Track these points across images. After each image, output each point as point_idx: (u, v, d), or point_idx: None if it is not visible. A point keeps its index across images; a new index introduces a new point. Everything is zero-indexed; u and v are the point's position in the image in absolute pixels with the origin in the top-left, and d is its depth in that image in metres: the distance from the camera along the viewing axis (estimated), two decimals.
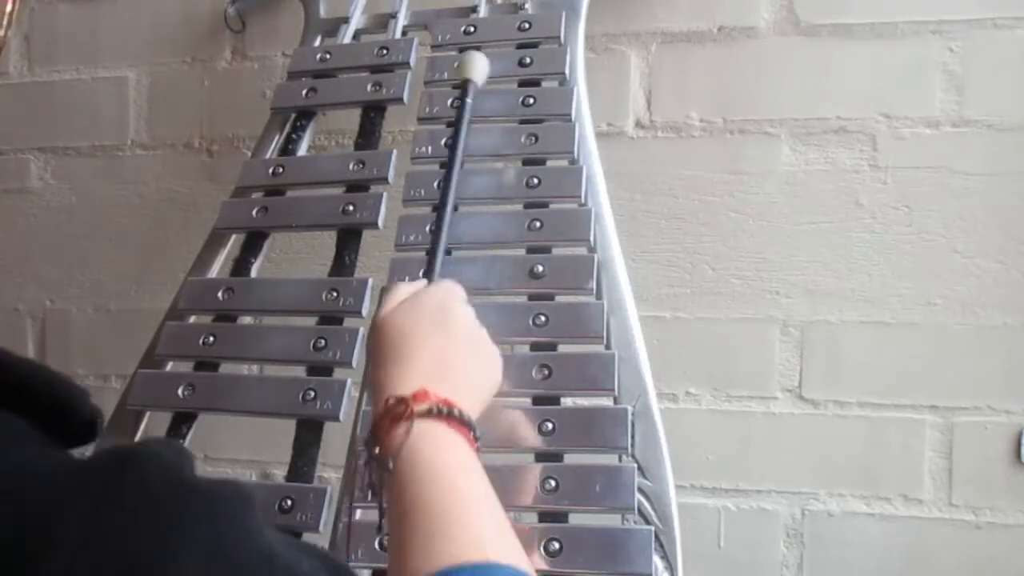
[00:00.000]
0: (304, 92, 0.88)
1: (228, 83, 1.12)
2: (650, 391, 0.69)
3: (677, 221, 0.98)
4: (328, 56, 0.90)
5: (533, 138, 0.79)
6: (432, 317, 0.58)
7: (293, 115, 0.89)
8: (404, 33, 0.90)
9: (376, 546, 0.64)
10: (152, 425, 0.78)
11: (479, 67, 0.76)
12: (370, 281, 0.76)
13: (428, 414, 0.50)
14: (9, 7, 0.42)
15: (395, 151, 0.82)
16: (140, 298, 1.14)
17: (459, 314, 0.59)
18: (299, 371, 0.75)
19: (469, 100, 0.74)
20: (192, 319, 0.81)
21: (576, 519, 0.65)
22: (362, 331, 0.74)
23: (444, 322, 0.57)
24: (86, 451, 0.35)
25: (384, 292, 0.62)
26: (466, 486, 0.47)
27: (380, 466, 0.49)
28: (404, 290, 0.60)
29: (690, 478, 0.96)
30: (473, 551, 0.42)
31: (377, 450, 0.50)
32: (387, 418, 0.50)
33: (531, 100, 0.81)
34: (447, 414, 0.50)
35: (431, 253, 0.65)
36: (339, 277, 0.78)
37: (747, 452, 0.96)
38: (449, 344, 0.56)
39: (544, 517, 0.65)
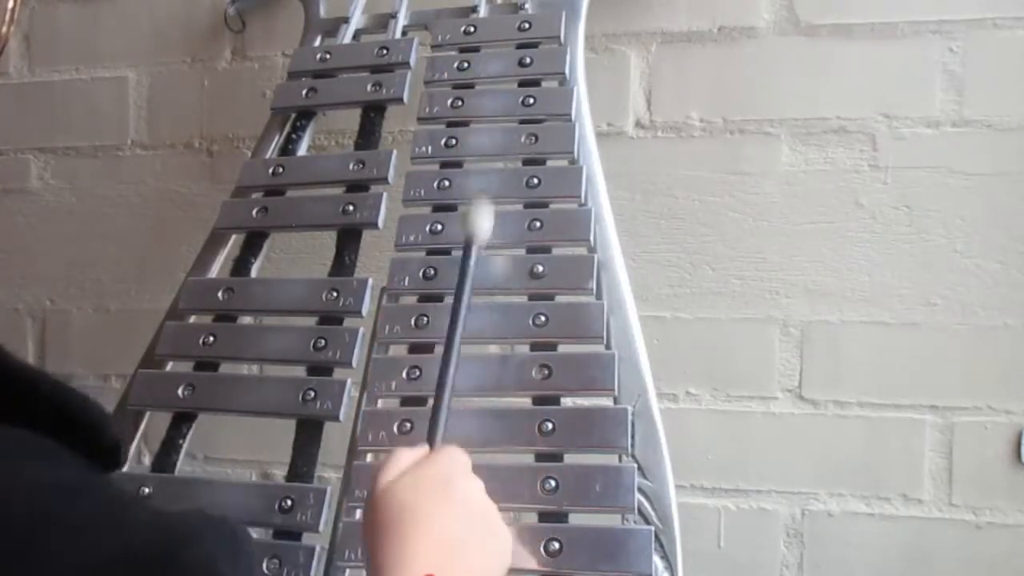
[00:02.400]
0: (304, 92, 0.88)
1: (228, 83, 1.12)
2: (650, 391, 0.69)
3: (677, 221, 0.98)
4: (328, 56, 0.90)
5: (533, 138, 0.79)
6: (437, 492, 0.53)
7: (293, 115, 0.89)
8: (404, 33, 0.91)
9: None
10: (152, 425, 0.78)
11: (482, 223, 0.62)
12: (370, 281, 0.76)
13: None
14: (11, 4, 0.42)
15: (395, 151, 0.82)
16: (140, 298, 1.14)
17: (465, 489, 0.54)
18: (299, 371, 0.75)
19: (471, 262, 0.61)
20: (192, 319, 0.81)
21: (576, 519, 0.65)
22: (362, 331, 0.74)
23: (449, 498, 0.53)
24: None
25: (384, 460, 0.56)
26: None
27: None
28: (405, 459, 0.55)
29: (690, 478, 0.96)
30: None
31: None
32: None
33: (531, 100, 0.81)
34: None
35: (433, 416, 0.58)
36: (339, 277, 0.78)
37: (747, 452, 0.96)
38: (455, 524, 0.52)
39: (544, 517, 0.65)
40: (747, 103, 0.97)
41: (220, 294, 0.80)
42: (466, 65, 0.85)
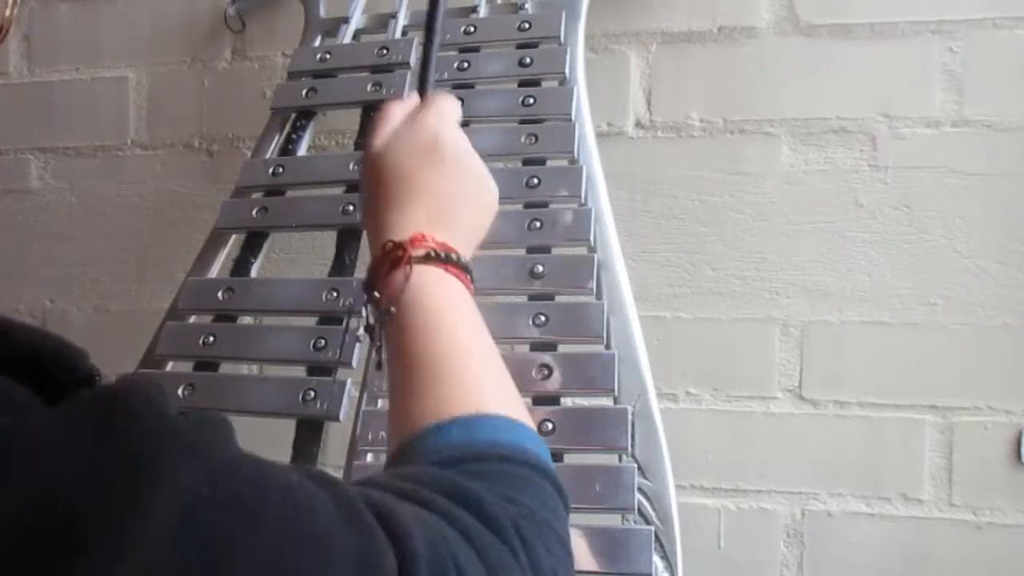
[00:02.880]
0: (304, 92, 0.88)
1: (228, 83, 1.12)
2: (650, 391, 0.69)
3: (677, 221, 0.98)
4: (328, 56, 0.90)
5: (533, 138, 0.79)
6: (426, 153, 0.56)
7: (293, 115, 0.89)
8: (404, 33, 0.90)
9: None
10: None
11: None
12: None
13: (426, 259, 0.50)
14: None
15: None
16: (140, 298, 1.14)
17: (454, 147, 0.57)
18: (299, 371, 0.75)
19: None
20: (192, 319, 0.81)
21: (576, 519, 0.65)
22: (362, 331, 0.74)
23: (438, 157, 0.56)
24: None
25: (376, 118, 0.60)
26: (465, 337, 0.48)
27: (379, 313, 0.49)
28: (397, 114, 0.59)
29: (690, 478, 0.96)
30: (470, 403, 0.43)
31: (376, 295, 0.50)
32: (385, 263, 0.50)
33: (531, 100, 0.81)
34: (444, 259, 0.50)
35: (423, 65, 0.62)
36: (339, 277, 0.78)
37: (747, 452, 0.96)
38: (443, 181, 0.55)
39: None
40: (747, 103, 0.97)
41: (220, 294, 0.80)
42: (466, 65, 0.84)
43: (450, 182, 0.56)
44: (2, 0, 0.43)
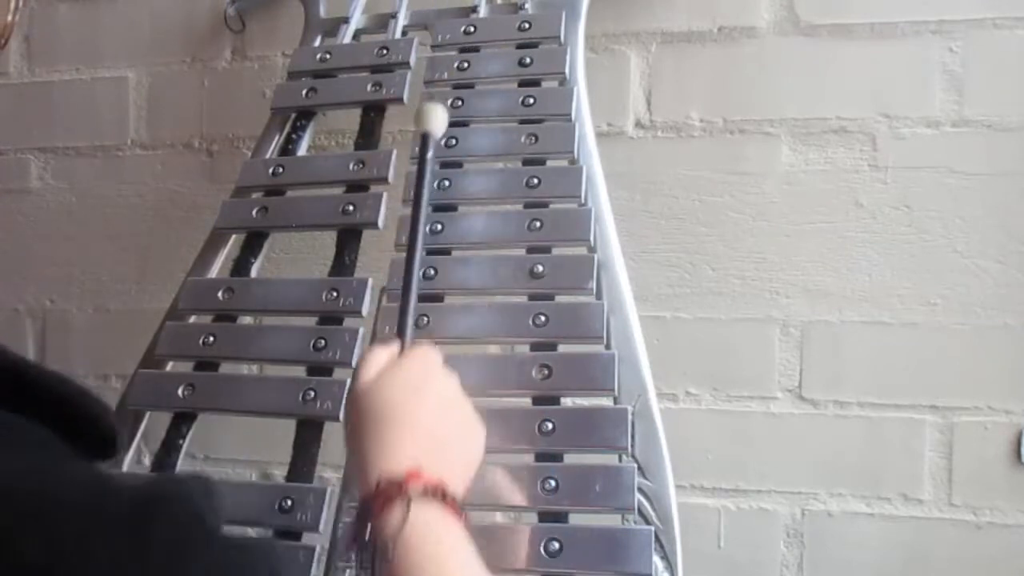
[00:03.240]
0: (304, 92, 0.88)
1: (228, 83, 1.12)
2: (650, 391, 0.69)
3: (677, 221, 0.98)
4: (328, 56, 0.90)
5: (533, 138, 0.79)
6: (414, 389, 0.56)
7: (293, 115, 0.89)
8: (404, 33, 0.90)
9: None
10: (152, 425, 0.78)
11: (437, 118, 0.70)
12: (370, 281, 0.76)
13: (422, 496, 0.48)
14: None
15: (395, 151, 0.82)
16: (140, 298, 1.14)
17: (441, 384, 0.58)
18: (299, 371, 0.75)
19: (430, 154, 0.69)
20: (192, 319, 0.81)
21: (576, 519, 0.65)
22: (362, 331, 0.74)
23: (427, 394, 0.56)
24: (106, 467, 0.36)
25: (360, 361, 0.59)
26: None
27: (375, 552, 0.48)
28: (379, 358, 0.58)
29: (690, 478, 0.96)
30: None
31: (368, 532, 0.48)
32: (379, 500, 0.48)
33: (531, 100, 0.81)
34: (441, 496, 0.49)
35: (401, 314, 0.62)
36: (339, 277, 0.78)
37: (747, 452, 0.96)
38: (434, 419, 0.55)
39: (544, 517, 0.65)
40: (747, 103, 0.96)
41: (220, 294, 0.80)
42: (466, 65, 0.84)
43: (440, 418, 0.55)
44: (3, 5, 0.43)
